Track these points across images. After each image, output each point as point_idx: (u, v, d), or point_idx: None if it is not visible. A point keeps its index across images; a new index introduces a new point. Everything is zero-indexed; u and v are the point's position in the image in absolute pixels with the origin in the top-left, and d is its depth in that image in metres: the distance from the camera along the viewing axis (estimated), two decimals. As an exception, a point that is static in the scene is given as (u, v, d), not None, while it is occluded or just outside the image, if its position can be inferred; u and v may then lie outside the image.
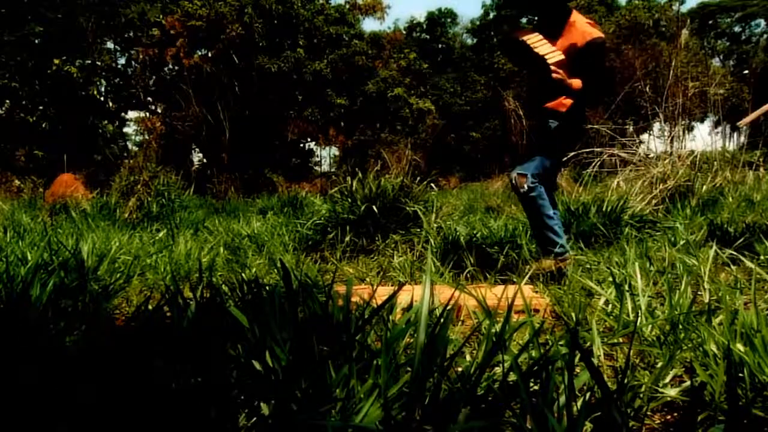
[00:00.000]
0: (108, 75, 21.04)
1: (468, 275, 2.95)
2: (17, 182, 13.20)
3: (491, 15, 32.68)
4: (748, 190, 5.44)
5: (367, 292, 2.19)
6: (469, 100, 26.19)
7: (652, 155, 5.90)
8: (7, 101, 18.19)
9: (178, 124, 17.82)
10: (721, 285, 1.80)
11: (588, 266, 2.82)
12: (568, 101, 2.55)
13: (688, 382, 1.22)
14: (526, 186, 2.58)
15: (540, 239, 2.71)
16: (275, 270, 2.99)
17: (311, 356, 1.05)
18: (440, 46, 32.96)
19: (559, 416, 0.88)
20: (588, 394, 1.09)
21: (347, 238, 3.76)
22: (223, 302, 1.35)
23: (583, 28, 2.49)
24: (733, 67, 30.37)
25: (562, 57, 2.42)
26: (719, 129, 23.10)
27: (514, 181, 2.62)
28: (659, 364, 1.30)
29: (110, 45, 21.38)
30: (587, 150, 5.92)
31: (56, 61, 17.37)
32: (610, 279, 2.05)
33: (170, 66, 19.64)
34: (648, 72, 15.46)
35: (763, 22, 31.99)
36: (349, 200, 4.09)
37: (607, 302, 1.88)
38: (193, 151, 21.53)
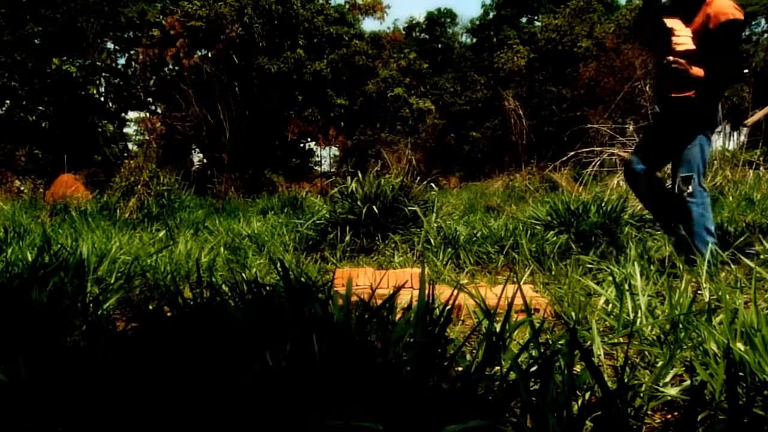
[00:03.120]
0: (108, 75, 21.06)
1: (468, 275, 2.95)
2: (17, 182, 13.20)
3: (491, 15, 32.68)
4: (748, 189, 5.44)
5: (367, 291, 2.19)
6: (469, 100, 26.17)
7: (652, 155, 5.88)
8: (7, 101, 18.19)
9: (178, 124, 17.80)
10: (721, 284, 1.80)
11: (588, 266, 2.82)
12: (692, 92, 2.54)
13: (689, 382, 1.22)
14: (691, 189, 2.57)
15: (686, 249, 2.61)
16: (275, 270, 2.99)
17: (311, 356, 1.05)
18: (440, 46, 32.96)
19: (559, 415, 0.88)
20: (588, 394, 1.09)
21: (347, 238, 3.76)
22: (224, 302, 1.35)
23: (717, 9, 2.46)
24: (733, 66, 30.29)
25: (692, 47, 2.44)
26: (719, 128, 23.13)
27: (679, 187, 2.58)
28: (659, 364, 1.29)
29: (110, 45, 21.40)
30: (587, 150, 5.91)
31: (56, 61, 17.37)
32: (610, 278, 2.05)
33: (170, 66, 19.63)
34: (648, 71, 15.46)
35: (763, 21, 31.97)
36: (349, 200, 4.09)
37: (607, 302, 1.88)
38: (193, 151, 21.54)
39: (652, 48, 2.78)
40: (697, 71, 2.46)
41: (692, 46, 2.45)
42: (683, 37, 2.46)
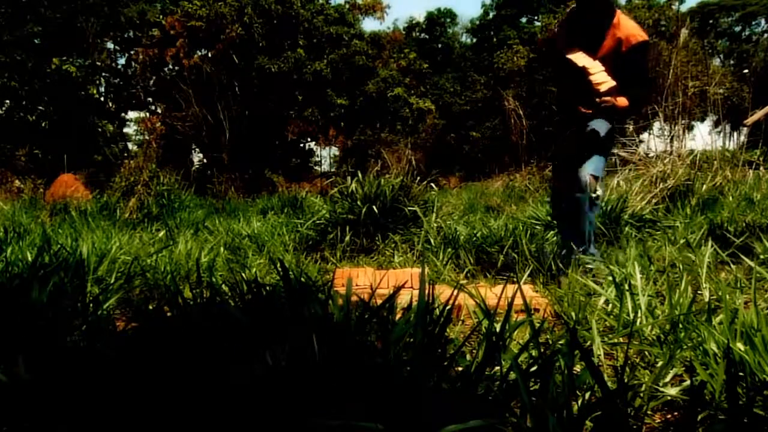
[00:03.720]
0: (108, 75, 21.05)
1: (468, 274, 2.95)
2: (17, 182, 13.18)
3: (491, 15, 32.67)
4: (748, 189, 5.44)
5: (367, 291, 2.19)
6: (469, 100, 26.17)
7: (651, 154, 5.90)
8: (7, 101, 18.19)
9: (178, 124, 17.79)
10: (721, 284, 1.80)
11: (588, 265, 2.82)
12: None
13: (689, 382, 1.22)
14: (599, 190, 2.59)
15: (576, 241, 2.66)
16: (275, 270, 2.99)
17: (311, 356, 1.05)
18: (440, 46, 32.95)
19: (559, 415, 0.88)
20: (588, 394, 1.09)
21: (347, 238, 3.76)
22: (224, 302, 1.35)
23: (627, 32, 2.46)
24: (733, 66, 30.35)
25: (614, 84, 2.44)
26: (719, 128, 23.13)
27: (584, 182, 2.57)
28: (659, 364, 1.30)
29: (110, 45, 21.39)
30: (587, 149, 5.90)
31: (56, 61, 17.36)
32: (610, 278, 2.05)
33: (170, 66, 19.61)
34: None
35: (763, 21, 31.98)
36: (349, 200, 4.09)
37: (607, 302, 1.88)
38: (193, 151, 21.52)
39: (559, 79, 2.78)
40: (622, 102, 2.48)
41: (613, 83, 2.44)
42: (600, 74, 2.44)
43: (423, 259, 3.41)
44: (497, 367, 1.07)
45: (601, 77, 2.44)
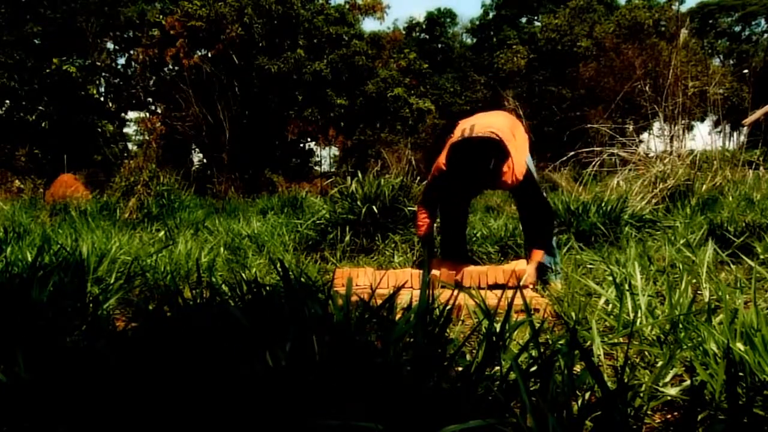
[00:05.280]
0: (108, 75, 21.07)
1: (468, 275, 2.94)
2: (17, 182, 13.18)
3: (491, 15, 32.71)
4: (747, 189, 5.44)
5: (367, 291, 2.19)
6: (469, 100, 26.19)
7: (651, 154, 5.90)
8: (7, 101, 18.20)
9: (178, 124, 17.78)
10: (721, 284, 1.80)
11: (588, 266, 2.82)
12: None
13: (689, 382, 1.22)
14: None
15: None
16: (275, 270, 2.99)
17: (311, 356, 1.05)
18: (440, 46, 32.99)
19: (559, 415, 0.88)
20: (588, 394, 1.09)
21: (347, 238, 3.76)
22: (224, 302, 1.35)
23: (514, 178, 2.45)
24: (733, 66, 30.37)
25: (524, 268, 2.47)
26: (719, 128, 23.13)
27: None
28: (659, 364, 1.30)
29: (110, 45, 21.40)
30: (587, 150, 5.91)
31: (55, 61, 17.37)
32: (610, 278, 2.05)
33: (170, 66, 19.61)
34: (648, 71, 15.48)
35: (763, 21, 32.01)
36: (349, 200, 4.08)
37: (607, 302, 1.88)
38: (193, 151, 21.54)
39: None
40: (540, 258, 2.50)
41: (524, 267, 2.47)
42: (501, 275, 2.46)
43: (423, 258, 3.41)
44: (497, 367, 1.07)
45: (498, 275, 2.45)
